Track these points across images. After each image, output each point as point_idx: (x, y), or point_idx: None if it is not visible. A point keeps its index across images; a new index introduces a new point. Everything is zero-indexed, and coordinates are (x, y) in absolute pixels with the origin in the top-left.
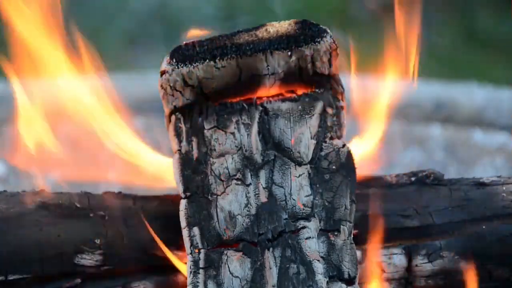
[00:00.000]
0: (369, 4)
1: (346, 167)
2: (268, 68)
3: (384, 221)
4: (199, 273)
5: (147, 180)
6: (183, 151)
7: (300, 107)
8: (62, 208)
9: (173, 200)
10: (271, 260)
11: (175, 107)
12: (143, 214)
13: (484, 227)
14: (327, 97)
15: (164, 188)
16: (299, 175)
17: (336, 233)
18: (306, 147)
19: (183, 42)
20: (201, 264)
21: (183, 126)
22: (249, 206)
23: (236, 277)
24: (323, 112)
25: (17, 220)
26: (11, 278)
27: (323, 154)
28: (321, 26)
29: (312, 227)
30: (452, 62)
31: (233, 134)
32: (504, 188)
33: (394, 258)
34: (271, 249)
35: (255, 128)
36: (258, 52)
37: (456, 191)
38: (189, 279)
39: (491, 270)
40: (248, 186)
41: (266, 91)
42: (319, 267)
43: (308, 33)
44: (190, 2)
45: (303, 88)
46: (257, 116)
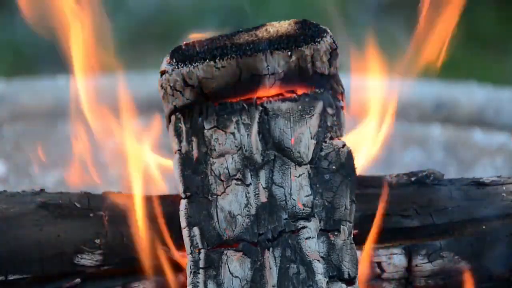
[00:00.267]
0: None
1: (346, 167)
2: (268, 68)
3: (384, 221)
4: (199, 273)
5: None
6: (183, 151)
7: (300, 107)
8: (62, 208)
9: (173, 200)
10: (271, 260)
11: (175, 107)
12: (143, 214)
13: (484, 227)
14: (327, 97)
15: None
16: (299, 175)
17: (336, 233)
18: (306, 147)
19: (183, 42)
20: (201, 264)
21: (183, 126)
22: (249, 206)
23: (236, 277)
24: (323, 112)
25: (17, 220)
26: (11, 278)
27: (323, 154)
28: (321, 26)
29: (312, 227)
30: (452, 62)
31: (233, 134)
32: (504, 188)
33: (394, 258)
34: (271, 249)
35: (255, 128)
36: (258, 52)
37: (456, 191)
38: (189, 279)
39: (491, 270)
40: (248, 186)
41: (266, 91)
42: (319, 267)
43: (308, 33)
44: (190, 2)
45: (303, 88)
46: (257, 116)
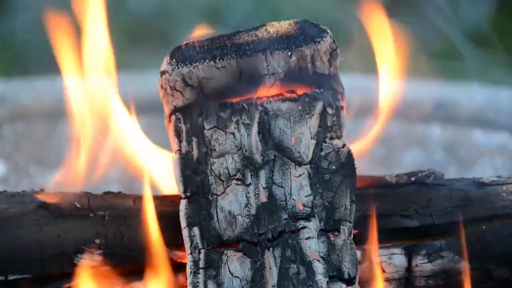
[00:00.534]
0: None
1: (346, 167)
2: (268, 68)
3: (384, 221)
4: (199, 273)
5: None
6: (183, 151)
7: (300, 107)
8: (62, 208)
9: (173, 200)
10: (271, 260)
11: (175, 107)
12: (143, 214)
13: (484, 227)
14: (327, 97)
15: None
16: (299, 175)
17: (336, 233)
18: (306, 147)
19: (183, 42)
20: (201, 264)
21: (183, 126)
22: (249, 206)
23: (236, 277)
24: (323, 112)
25: (17, 220)
26: (11, 278)
27: (323, 154)
28: (321, 26)
29: (312, 227)
30: (452, 62)
31: (233, 134)
32: (504, 188)
33: (394, 258)
34: (271, 249)
35: (255, 128)
36: (258, 52)
37: (456, 191)
38: (189, 279)
39: (491, 270)
40: (248, 186)
41: (266, 91)
42: (319, 267)
43: (308, 33)
44: (190, 2)
45: (303, 88)
46: (257, 116)
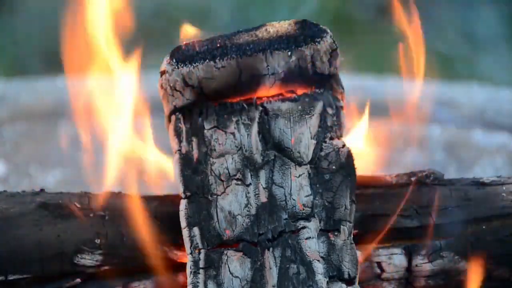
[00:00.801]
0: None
1: (346, 167)
2: (268, 68)
3: (384, 221)
4: (199, 273)
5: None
6: (183, 151)
7: (300, 107)
8: (62, 208)
9: (173, 200)
10: (271, 260)
11: (175, 107)
12: (143, 214)
13: (484, 227)
14: (327, 97)
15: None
16: (299, 175)
17: (336, 233)
18: (306, 147)
19: (183, 42)
20: (201, 264)
21: (183, 126)
22: (249, 206)
23: (236, 277)
24: (323, 112)
25: (17, 220)
26: (11, 278)
27: (323, 154)
28: (321, 26)
29: (312, 227)
30: (452, 62)
31: (233, 134)
32: (504, 188)
33: (394, 258)
34: (271, 249)
35: (255, 128)
36: (258, 52)
37: (456, 191)
38: (189, 279)
39: (491, 270)
40: (248, 186)
41: (266, 91)
42: (319, 267)
43: (308, 33)
44: (190, 1)
45: (303, 88)
46: (257, 116)
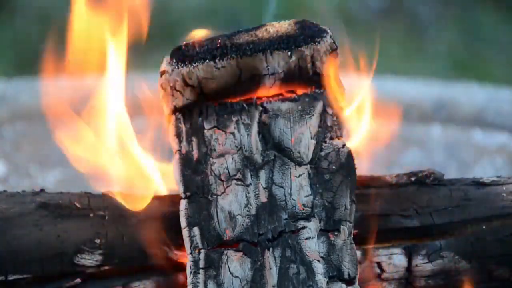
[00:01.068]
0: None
1: (346, 167)
2: (268, 68)
3: (384, 221)
4: (199, 273)
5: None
6: (183, 151)
7: (300, 107)
8: (62, 208)
9: (173, 200)
10: (271, 260)
11: (175, 107)
12: (143, 214)
13: (484, 227)
14: (327, 97)
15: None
16: (299, 175)
17: (336, 233)
18: (306, 147)
19: (183, 42)
20: (201, 264)
21: (183, 126)
22: (249, 206)
23: (236, 277)
24: (323, 112)
25: (17, 220)
26: (11, 278)
27: (323, 154)
28: (321, 26)
29: (312, 227)
30: (452, 62)
31: (233, 134)
32: (504, 188)
33: (394, 258)
34: (271, 249)
35: (255, 128)
36: (258, 52)
37: (456, 191)
38: (189, 279)
39: (491, 270)
40: (248, 186)
41: (266, 91)
42: (319, 267)
43: (308, 33)
44: (190, 1)
45: (303, 88)
46: (257, 116)
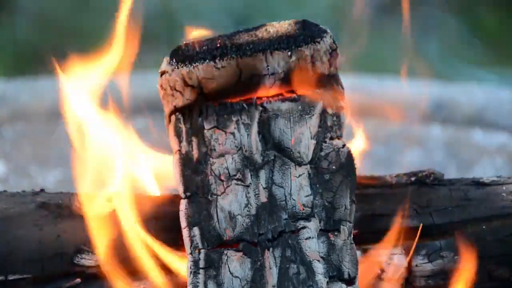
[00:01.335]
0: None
1: (346, 167)
2: (268, 68)
3: (384, 221)
4: (199, 273)
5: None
6: (183, 151)
7: (300, 107)
8: (62, 208)
9: (173, 200)
10: (271, 260)
11: (175, 107)
12: (143, 214)
13: (484, 227)
14: (327, 97)
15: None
16: (299, 175)
17: (336, 233)
18: (306, 147)
19: (183, 42)
20: (201, 264)
21: (183, 126)
22: (249, 206)
23: (236, 277)
24: (323, 112)
25: (17, 220)
26: (11, 278)
27: (323, 154)
28: (321, 26)
29: (312, 227)
30: (452, 62)
31: (233, 134)
32: (504, 188)
33: (394, 258)
34: (271, 249)
35: (255, 128)
36: (258, 52)
37: (456, 191)
38: (189, 279)
39: (491, 270)
40: (248, 186)
41: (266, 91)
42: (319, 267)
43: (308, 33)
44: (190, 1)
45: (303, 88)
46: (257, 116)
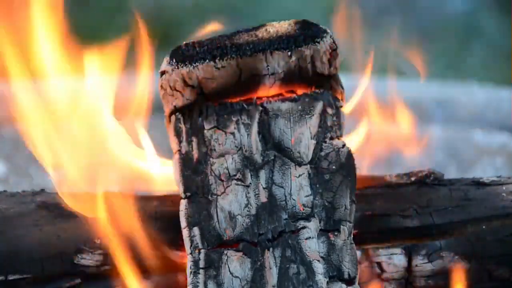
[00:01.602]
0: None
1: (346, 167)
2: (268, 68)
3: (384, 221)
4: (199, 273)
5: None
6: (183, 151)
7: (300, 107)
8: (62, 208)
9: (173, 200)
10: (271, 260)
11: (175, 107)
12: (143, 214)
13: (484, 227)
14: (327, 97)
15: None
16: (299, 175)
17: (336, 233)
18: (306, 147)
19: (183, 42)
20: (201, 264)
21: (183, 126)
22: (249, 206)
23: (236, 277)
24: (323, 112)
25: (17, 220)
26: (11, 278)
27: (323, 154)
28: (321, 26)
29: (312, 227)
30: (452, 62)
31: (233, 134)
32: (504, 188)
33: (394, 258)
34: (271, 249)
35: (255, 128)
36: (258, 52)
37: (456, 191)
38: (189, 279)
39: (491, 270)
40: (248, 186)
41: (266, 91)
42: (319, 267)
43: (308, 33)
44: (190, 1)
45: (303, 88)
46: (257, 116)
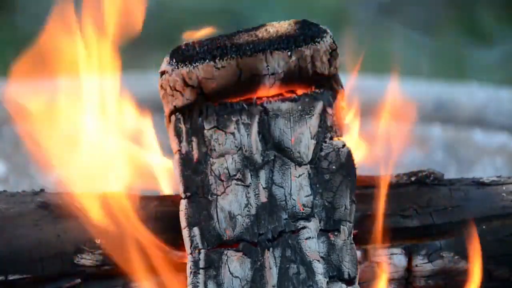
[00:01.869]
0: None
1: (346, 167)
2: (268, 68)
3: (384, 221)
4: (199, 273)
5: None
6: (183, 151)
7: (300, 107)
8: (62, 208)
9: (173, 200)
10: (271, 260)
11: (175, 107)
12: (143, 214)
13: (484, 227)
14: (327, 97)
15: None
16: (299, 175)
17: (336, 233)
18: (306, 147)
19: (183, 42)
20: (201, 264)
21: (183, 126)
22: (249, 206)
23: (236, 277)
24: (323, 112)
25: (17, 220)
26: (11, 278)
27: (323, 154)
28: (321, 26)
29: (312, 227)
30: (452, 62)
31: (233, 134)
32: (504, 188)
33: (394, 258)
34: (271, 249)
35: (255, 128)
36: (258, 52)
37: (456, 191)
38: (189, 279)
39: (491, 270)
40: (248, 186)
41: (266, 91)
42: (319, 267)
43: (308, 33)
44: (190, 2)
45: (303, 88)
46: (257, 116)
